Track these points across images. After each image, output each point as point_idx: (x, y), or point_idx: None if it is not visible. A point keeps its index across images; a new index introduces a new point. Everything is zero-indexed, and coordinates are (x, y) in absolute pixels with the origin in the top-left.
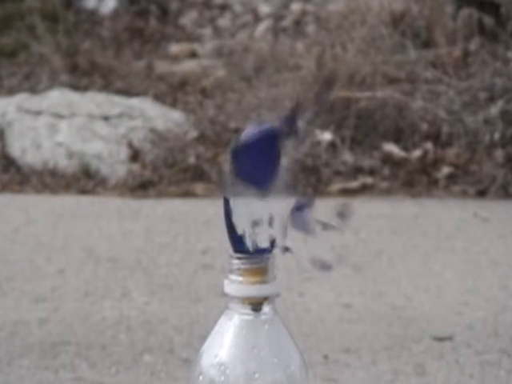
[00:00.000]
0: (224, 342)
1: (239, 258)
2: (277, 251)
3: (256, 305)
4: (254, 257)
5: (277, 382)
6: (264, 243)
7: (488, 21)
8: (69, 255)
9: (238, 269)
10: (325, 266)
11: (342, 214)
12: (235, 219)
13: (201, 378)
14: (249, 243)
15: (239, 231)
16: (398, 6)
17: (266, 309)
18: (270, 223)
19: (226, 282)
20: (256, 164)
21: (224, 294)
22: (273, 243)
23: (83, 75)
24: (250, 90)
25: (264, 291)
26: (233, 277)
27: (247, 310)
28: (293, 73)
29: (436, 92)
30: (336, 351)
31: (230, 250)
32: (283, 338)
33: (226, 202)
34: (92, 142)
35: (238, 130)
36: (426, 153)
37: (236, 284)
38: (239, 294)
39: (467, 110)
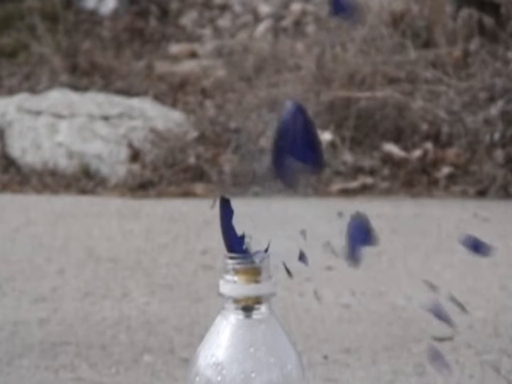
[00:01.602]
0: (220, 341)
1: (233, 258)
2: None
3: (247, 306)
4: (248, 257)
5: (273, 381)
6: (258, 243)
7: (488, 21)
8: (69, 255)
9: (233, 269)
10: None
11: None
12: (232, 220)
13: (197, 378)
14: (243, 243)
15: (234, 231)
16: (398, 6)
17: (262, 308)
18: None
19: (221, 282)
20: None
21: (220, 294)
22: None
23: (83, 75)
24: (250, 89)
25: (258, 291)
26: (228, 277)
27: (240, 310)
28: (293, 73)
29: (436, 92)
30: (336, 351)
31: (225, 251)
32: (280, 338)
33: (223, 202)
34: (92, 142)
35: (238, 130)
36: (426, 153)
37: (231, 284)
38: (234, 293)
39: (467, 110)
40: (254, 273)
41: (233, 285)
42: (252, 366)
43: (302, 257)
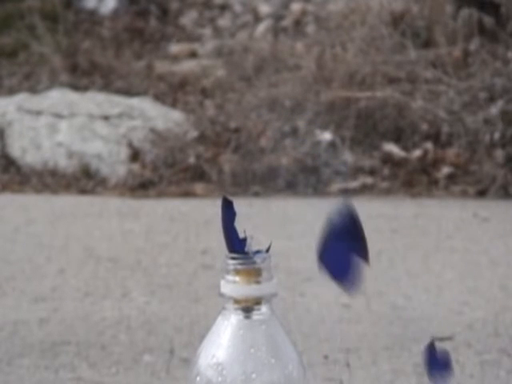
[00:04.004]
0: (221, 342)
1: (234, 259)
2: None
3: (248, 306)
4: (249, 257)
5: (274, 382)
6: (259, 243)
7: (488, 21)
8: (69, 255)
9: (234, 269)
10: None
11: None
12: (234, 221)
13: (198, 378)
14: (245, 244)
15: (236, 232)
16: (397, 6)
17: (262, 309)
18: None
19: (222, 282)
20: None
21: (220, 295)
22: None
23: (83, 75)
24: (250, 89)
25: (259, 291)
26: (229, 277)
27: (241, 311)
28: (293, 73)
29: (436, 92)
30: (336, 351)
31: (226, 251)
32: (280, 338)
33: (226, 203)
34: (92, 141)
35: (238, 130)
36: (425, 153)
37: (231, 284)
38: (234, 294)
39: (467, 109)
40: (255, 273)
41: (234, 285)
42: (253, 366)
43: None
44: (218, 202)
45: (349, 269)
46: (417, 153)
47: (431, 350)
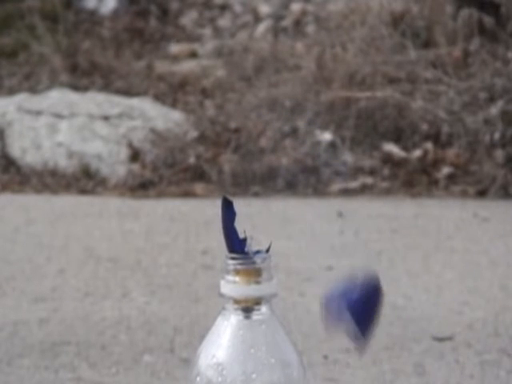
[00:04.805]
0: (221, 342)
1: (234, 259)
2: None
3: (248, 306)
4: (249, 257)
5: (274, 382)
6: (259, 244)
7: (488, 21)
8: (69, 255)
9: (234, 269)
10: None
11: None
12: (234, 221)
13: (198, 378)
14: (245, 244)
15: (236, 232)
16: (397, 6)
17: (262, 309)
18: None
19: (222, 282)
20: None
21: (220, 295)
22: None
23: (83, 75)
24: (250, 89)
25: (259, 292)
26: (229, 277)
27: (241, 311)
28: (293, 73)
29: (436, 92)
30: (336, 351)
31: (226, 251)
32: (280, 338)
33: (226, 203)
34: (92, 141)
35: (238, 130)
36: (426, 153)
37: (231, 284)
38: (234, 294)
39: (467, 109)
40: (255, 273)
41: (234, 285)
42: (253, 366)
43: None
44: (218, 202)
45: (359, 327)
46: (417, 153)
47: None
